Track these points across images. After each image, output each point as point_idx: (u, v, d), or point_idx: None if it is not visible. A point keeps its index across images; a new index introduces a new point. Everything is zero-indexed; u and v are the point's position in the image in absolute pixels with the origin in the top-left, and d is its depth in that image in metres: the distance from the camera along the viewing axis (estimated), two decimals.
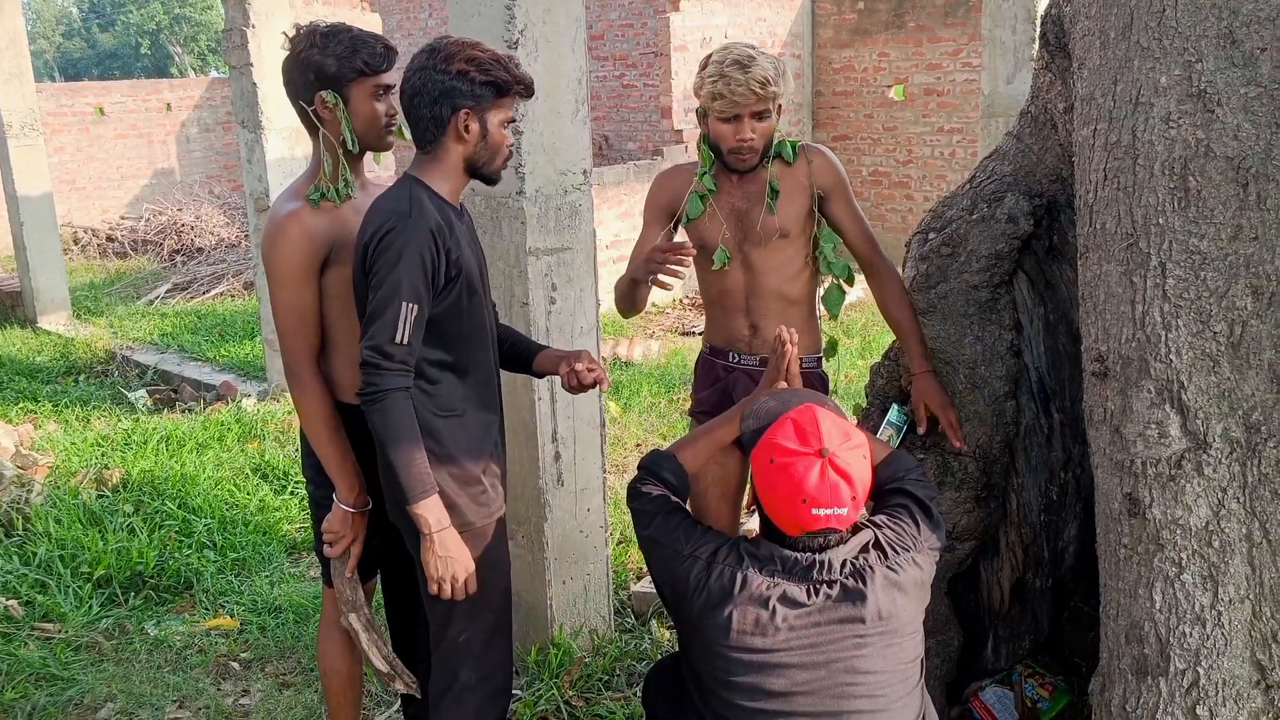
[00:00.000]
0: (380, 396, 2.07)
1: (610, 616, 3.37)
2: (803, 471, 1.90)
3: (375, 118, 2.31)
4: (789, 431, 1.96)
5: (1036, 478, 2.81)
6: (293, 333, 2.30)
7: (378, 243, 2.08)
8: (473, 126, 2.16)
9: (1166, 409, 1.99)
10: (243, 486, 4.61)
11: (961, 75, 9.52)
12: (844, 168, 2.86)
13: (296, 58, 2.28)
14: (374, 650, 2.39)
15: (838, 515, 1.91)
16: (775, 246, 2.78)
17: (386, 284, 2.06)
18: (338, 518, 2.37)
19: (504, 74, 2.15)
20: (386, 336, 2.06)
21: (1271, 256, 1.90)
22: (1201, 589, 1.98)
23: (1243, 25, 1.88)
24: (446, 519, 2.15)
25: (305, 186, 2.34)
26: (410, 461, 2.09)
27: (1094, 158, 2.11)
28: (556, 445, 3.08)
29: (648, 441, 5.25)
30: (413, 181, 2.18)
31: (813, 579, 1.92)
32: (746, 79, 2.59)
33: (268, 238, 2.30)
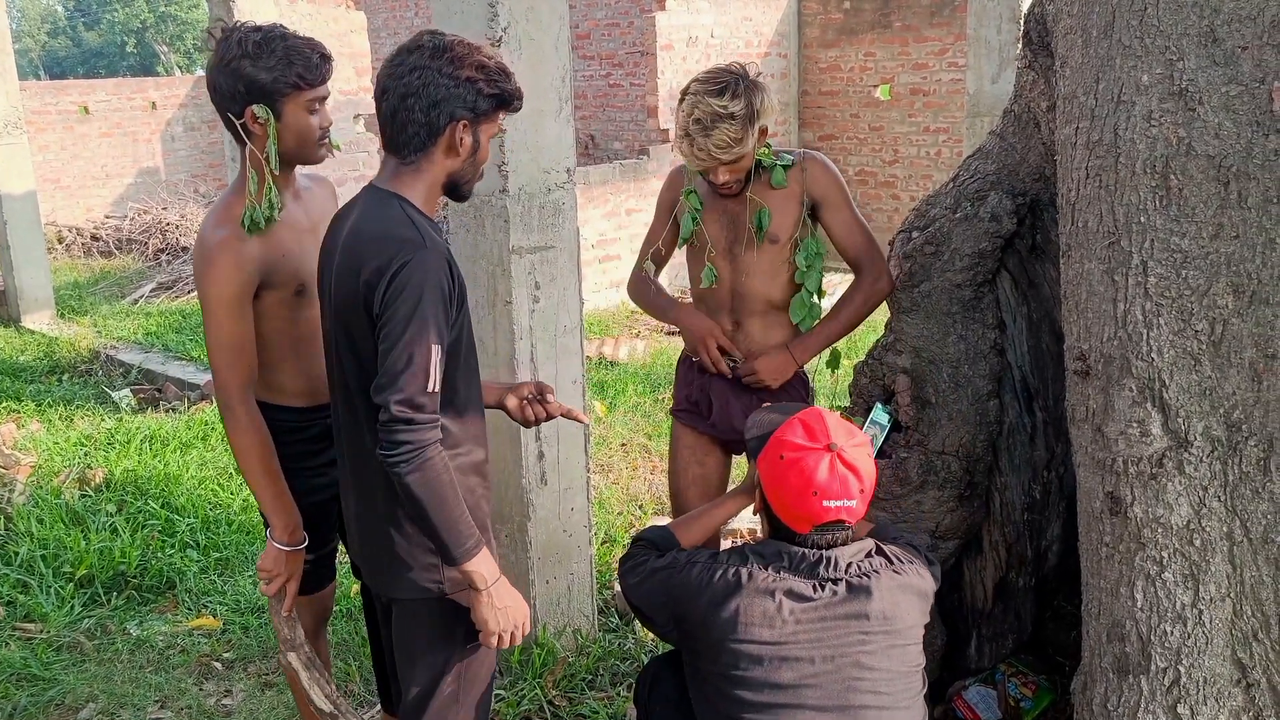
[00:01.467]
0: (418, 455, 1.85)
1: (594, 616, 3.36)
2: (812, 465, 1.94)
3: (309, 132, 2.18)
4: (797, 430, 2.00)
5: (1020, 476, 2.81)
6: (227, 365, 2.19)
7: (392, 278, 1.84)
8: (466, 140, 1.95)
9: (1148, 407, 2.00)
10: (226, 486, 4.59)
11: (947, 75, 9.54)
12: (840, 175, 2.81)
13: (225, 65, 2.11)
14: (315, 689, 2.30)
15: (848, 507, 1.95)
16: (764, 250, 2.77)
17: (411, 327, 1.83)
18: (271, 556, 2.28)
19: (510, 86, 1.96)
20: (418, 387, 1.84)
21: (1252, 255, 1.90)
22: (1183, 587, 1.99)
23: (1224, 23, 1.89)
24: (496, 568, 1.98)
25: (235, 205, 2.21)
26: (457, 519, 1.90)
27: (1076, 156, 2.11)
28: (540, 444, 3.07)
29: (633, 441, 5.24)
30: (398, 200, 1.95)
31: (819, 575, 1.94)
32: (708, 144, 2.53)
33: (198, 264, 2.19)
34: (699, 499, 2.90)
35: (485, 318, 3.00)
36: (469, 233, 2.98)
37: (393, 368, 1.84)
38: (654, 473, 4.82)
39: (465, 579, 1.96)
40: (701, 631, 1.97)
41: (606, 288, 8.75)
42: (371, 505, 2.06)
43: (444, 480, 1.88)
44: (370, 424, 1.95)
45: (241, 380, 2.20)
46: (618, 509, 4.36)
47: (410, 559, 2.02)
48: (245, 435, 2.21)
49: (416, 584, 2.04)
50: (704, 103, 2.53)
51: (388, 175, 2.00)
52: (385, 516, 2.02)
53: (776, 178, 2.72)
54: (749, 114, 2.53)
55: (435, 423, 1.89)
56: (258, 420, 2.22)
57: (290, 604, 2.33)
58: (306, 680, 2.31)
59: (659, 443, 5.21)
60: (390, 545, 2.03)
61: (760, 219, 2.72)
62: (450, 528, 1.90)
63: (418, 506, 1.88)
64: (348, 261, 1.95)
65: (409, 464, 1.85)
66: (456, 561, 1.93)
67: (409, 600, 2.07)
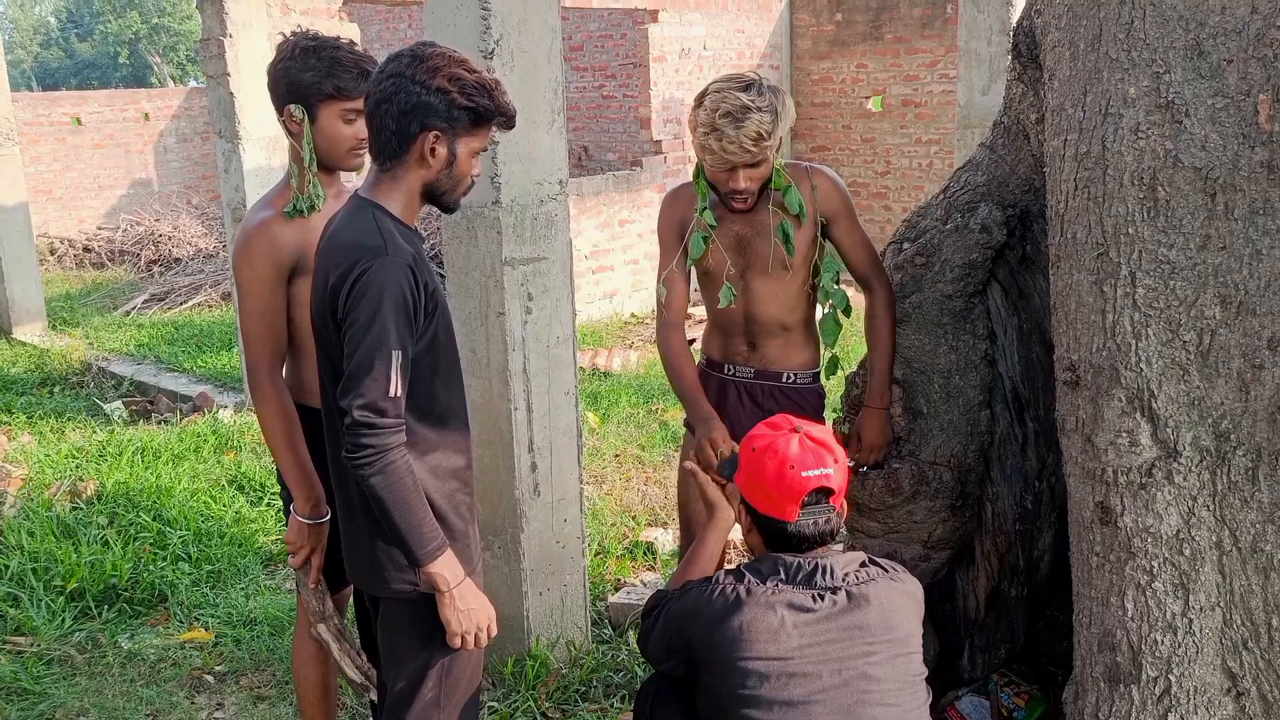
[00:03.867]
0: (380, 459, 1.88)
1: (588, 628, 3.36)
2: (784, 445, 2.02)
3: (341, 140, 2.30)
4: (761, 428, 2.11)
5: (1011, 487, 2.82)
6: (258, 339, 2.31)
7: (352, 285, 1.88)
8: (440, 151, 1.96)
9: (1137, 417, 2.01)
10: (218, 498, 4.57)
11: (939, 86, 9.58)
12: (846, 188, 2.78)
13: (274, 66, 2.29)
14: (346, 660, 2.37)
15: (825, 474, 2.00)
16: (776, 275, 2.73)
17: (371, 332, 1.87)
18: (294, 529, 2.37)
19: (487, 101, 1.95)
20: (380, 391, 1.87)
21: (1239, 266, 1.91)
22: (1173, 596, 1.99)
23: (1210, 37, 1.91)
24: (461, 569, 2.02)
25: (279, 197, 2.35)
26: (419, 521, 1.93)
27: (1064, 168, 2.13)
28: (533, 455, 3.07)
29: (626, 452, 5.24)
30: (373, 208, 1.98)
31: (817, 585, 1.95)
32: (739, 135, 2.47)
33: (238, 247, 2.32)
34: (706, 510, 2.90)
35: (478, 329, 3.00)
36: (461, 244, 2.99)
37: (355, 373, 1.89)
38: (647, 484, 4.82)
39: (428, 581, 2.00)
40: (706, 653, 1.96)
41: (599, 298, 8.76)
42: (351, 508, 2.10)
43: (407, 483, 1.93)
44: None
45: (270, 356, 2.31)
46: (611, 520, 4.36)
47: (388, 559, 2.06)
48: (270, 407, 2.31)
49: (395, 583, 2.07)
50: (732, 96, 2.50)
51: (369, 183, 2.04)
52: (364, 519, 2.06)
53: (791, 199, 2.66)
54: (775, 111, 2.53)
55: (399, 427, 1.93)
56: (283, 395, 2.33)
57: (316, 575, 2.40)
58: (337, 652, 2.38)
59: (652, 453, 5.21)
60: (371, 545, 2.07)
61: (785, 229, 2.67)
62: (413, 530, 1.94)
63: (381, 508, 1.93)
64: (320, 267, 2.01)
65: (371, 467, 1.89)
66: (419, 563, 1.98)
67: (391, 600, 2.11)
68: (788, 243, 2.69)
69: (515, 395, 2.99)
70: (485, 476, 3.11)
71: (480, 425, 3.08)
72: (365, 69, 2.26)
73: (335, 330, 1.95)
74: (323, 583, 2.41)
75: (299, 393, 2.38)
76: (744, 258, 2.76)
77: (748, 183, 2.59)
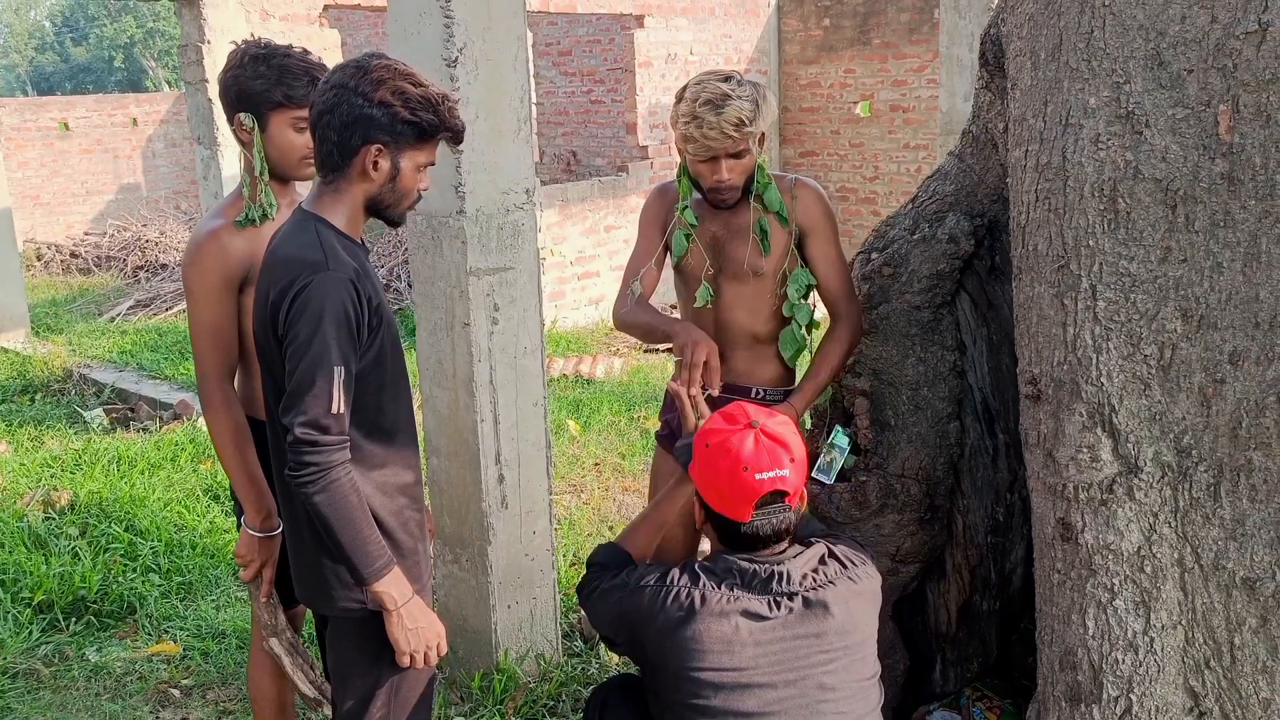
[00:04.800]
0: (323, 476, 1.86)
1: (558, 640, 3.32)
2: (738, 443, 1.96)
3: (292, 149, 2.28)
4: (717, 419, 2.05)
5: (982, 499, 2.79)
6: (207, 350, 2.28)
7: (292, 301, 1.86)
8: (382, 165, 1.92)
9: (1098, 432, 1.98)
10: (192, 508, 4.53)
11: (926, 92, 9.57)
12: (831, 207, 2.74)
13: (224, 74, 2.27)
14: (299, 674, 2.34)
15: (780, 477, 1.94)
16: (748, 283, 2.69)
17: (312, 348, 1.84)
18: (245, 542, 2.34)
19: (431, 117, 1.91)
20: (322, 408, 1.84)
21: (1200, 279, 1.88)
22: (1134, 615, 1.96)
23: (1169, 46, 1.88)
24: (409, 587, 1.99)
25: (232, 206, 2.33)
26: (365, 540, 1.90)
27: (1026, 179, 2.10)
28: (500, 467, 3.04)
29: (606, 460, 5.20)
30: (315, 222, 1.95)
31: (773, 591, 1.92)
32: (719, 121, 2.45)
33: (187, 256, 2.30)
34: (676, 523, 2.86)
35: (443, 339, 2.97)
36: (426, 254, 2.96)
37: (296, 390, 1.86)
38: (626, 493, 4.78)
39: (375, 599, 1.97)
40: (658, 657, 1.94)
41: (585, 304, 8.73)
42: (298, 526, 2.07)
43: (351, 501, 1.90)
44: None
45: (219, 365, 2.29)
46: (588, 530, 4.32)
47: (335, 577, 2.03)
48: (220, 419, 2.28)
49: (342, 601, 2.04)
50: (712, 85, 2.50)
51: (312, 196, 2.02)
52: (311, 536, 2.03)
53: (770, 197, 2.64)
54: (755, 101, 2.52)
55: (342, 444, 1.90)
56: (234, 406, 2.30)
57: (267, 589, 2.37)
58: (290, 666, 2.35)
59: (632, 462, 5.18)
60: (318, 563, 2.04)
61: (763, 225, 2.64)
62: (358, 548, 1.91)
63: (325, 526, 1.90)
64: (261, 283, 1.99)
65: (314, 485, 1.87)
66: (365, 581, 1.94)
67: (339, 618, 2.09)
68: (765, 238, 2.65)
69: (482, 407, 2.96)
70: (452, 489, 3.08)
71: (446, 437, 3.05)
72: (316, 77, 2.23)
73: (276, 346, 1.93)
74: (275, 596, 2.38)
75: (250, 405, 2.35)
76: (718, 260, 2.72)
77: (730, 174, 2.56)
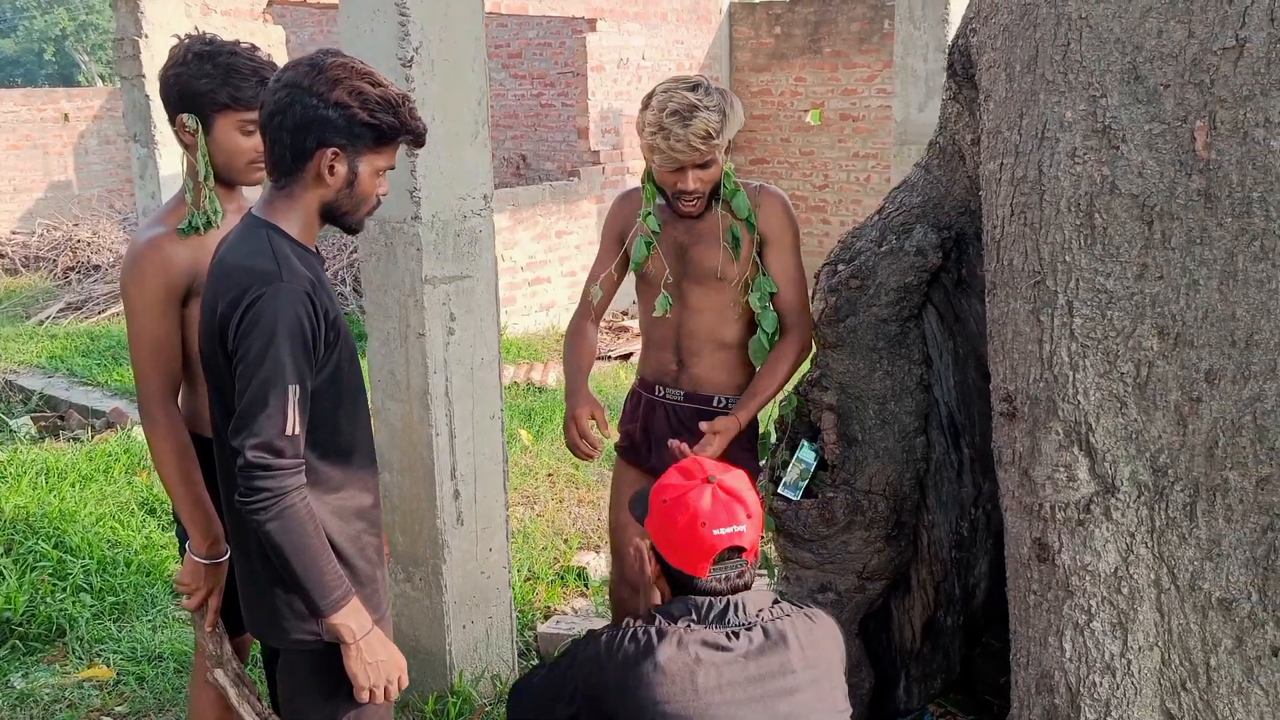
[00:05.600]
0: (277, 503, 1.74)
1: (514, 660, 3.23)
2: (695, 498, 1.89)
3: (238, 153, 2.15)
4: (673, 474, 1.98)
5: (947, 514, 2.76)
6: (148, 366, 2.15)
7: (243, 314, 1.74)
8: (339, 169, 1.81)
9: (1075, 451, 1.95)
10: (127, 523, 4.34)
11: (876, 101, 9.63)
12: (794, 217, 2.73)
13: (165, 71, 2.13)
14: (245, 707, 2.22)
15: (738, 532, 1.88)
16: (712, 287, 2.67)
17: (265, 365, 1.72)
18: (190, 569, 2.20)
19: (391, 119, 1.82)
20: (275, 429, 1.73)
21: (1176, 296, 1.86)
22: (1111, 637, 1.93)
23: (1146, 61, 1.85)
24: (368, 619, 1.87)
25: (173, 213, 2.20)
26: (321, 570, 1.79)
27: (1000, 192, 2.06)
28: (456, 483, 2.94)
29: (559, 471, 5.11)
30: (267, 229, 1.83)
31: (730, 623, 1.85)
32: (686, 133, 2.43)
33: (125, 266, 2.16)
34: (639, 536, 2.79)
35: (397, 350, 2.86)
36: (379, 261, 2.85)
37: (248, 410, 1.74)
38: (580, 505, 4.70)
39: (332, 632, 1.86)
40: (619, 701, 1.83)
41: (536, 310, 8.62)
42: (248, 552, 1.95)
43: (307, 529, 1.79)
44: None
45: (162, 382, 2.16)
46: (542, 543, 4.23)
47: (288, 607, 1.91)
48: (163, 440, 2.15)
49: (295, 634, 1.93)
50: (679, 95, 2.47)
51: (263, 201, 1.90)
52: (261, 564, 1.91)
53: (739, 204, 2.61)
54: (723, 111, 2.49)
55: (297, 468, 1.79)
56: (177, 425, 2.17)
57: (213, 618, 2.24)
58: (236, 698, 2.22)
59: (586, 473, 5.09)
60: (268, 592, 1.92)
61: (734, 232, 2.62)
62: (314, 578, 1.80)
63: (279, 556, 1.79)
64: (209, 294, 1.87)
65: (267, 512, 1.75)
66: (322, 614, 1.83)
67: (291, 651, 1.97)
68: (736, 245, 2.63)
69: (437, 420, 2.86)
70: (405, 505, 2.97)
71: (400, 451, 2.94)
72: (265, 76, 2.10)
73: (225, 362, 1.81)
74: (220, 625, 2.25)
75: (195, 423, 2.23)
76: (681, 265, 2.69)
77: (696, 184, 2.54)
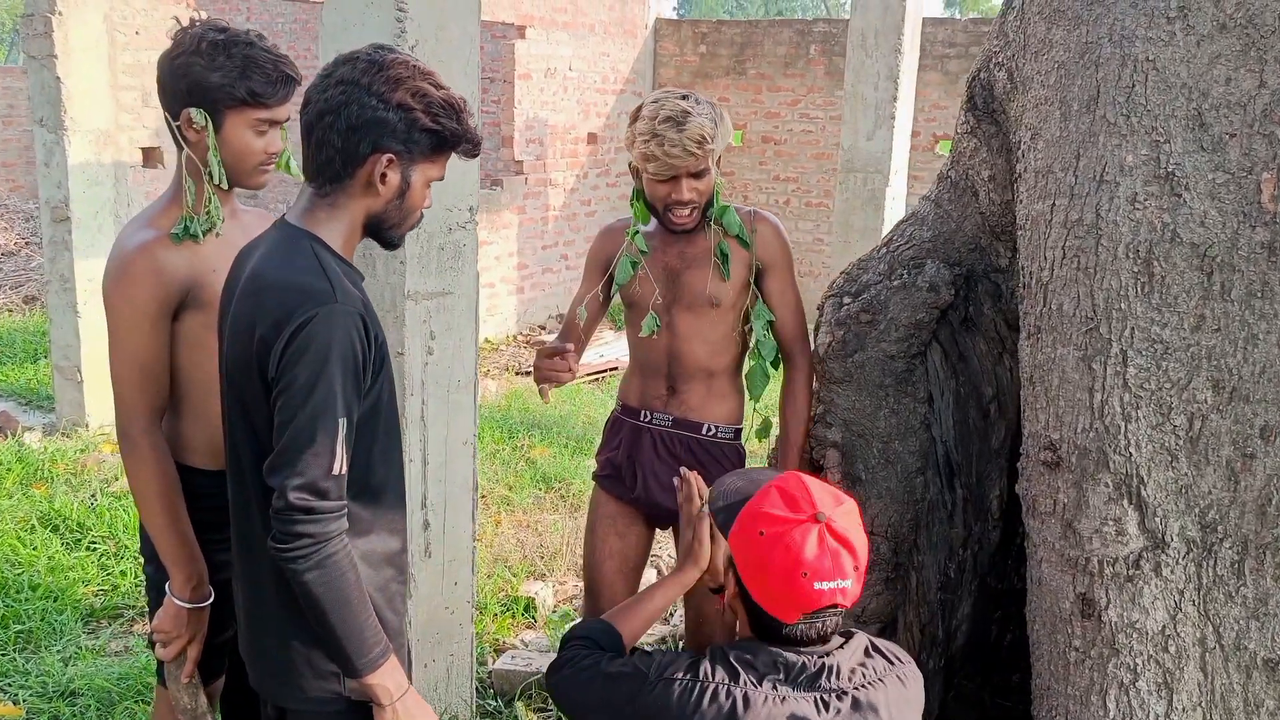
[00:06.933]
0: (318, 551, 1.56)
1: (472, 699, 3.04)
2: (799, 540, 1.65)
3: (249, 154, 1.95)
4: (775, 499, 1.71)
5: (936, 555, 2.70)
6: (131, 387, 1.93)
7: (290, 337, 1.56)
8: (391, 178, 1.65)
9: (1124, 505, 1.89)
10: (27, 541, 3.97)
11: (799, 125, 9.70)
12: (789, 242, 2.69)
13: (172, 60, 1.91)
14: None
15: (842, 589, 1.66)
16: (705, 314, 2.59)
17: (314, 397, 1.55)
18: (170, 614, 1.99)
19: (455, 125, 1.66)
20: (322, 469, 1.56)
21: (1233, 350, 1.83)
22: (1157, 697, 1.88)
23: (1212, 108, 1.82)
24: (404, 678, 1.71)
25: (163, 214, 1.97)
26: (362, 625, 1.62)
27: (1051, 234, 2.00)
28: (426, 512, 2.75)
29: (493, 493, 4.91)
30: (310, 240, 1.65)
31: (821, 688, 1.66)
32: (681, 138, 2.37)
33: (111, 273, 1.92)
34: (616, 573, 2.66)
35: None
36: None
37: (291, 445, 1.56)
38: (521, 529, 4.51)
39: (367, 693, 1.67)
40: None
41: None
42: (261, 598, 1.74)
43: (349, 580, 1.60)
44: (262, 506, 1.64)
45: (148, 406, 1.95)
46: (486, 570, 4.03)
47: (308, 664, 1.71)
48: (146, 469, 1.94)
49: (314, 692, 1.72)
50: (670, 102, 2.43)
51: (301, 209, 1.70)
52: (278, 612, 1.71)
53: (729, 220, 2.55)
54: (714, 118, 2.46)
55: (341, 512, 1.60)
56: (163, 453, 1.96)
57: (191, 668, 2.03)
58: None
59: (521, 494, 4.91)
60: (284, 646, 1.72)
61: (723, 249, 2.55)
62: (354, 635, 1.61)
63: (316, 609, 1.60)
64: (243, 312, 1.64)
65: (308, 560, 1.57)
66: (358, 674, 1.65)
67: (306, 711, 1.75)
68: (725, 262, 2.56)
69: (410, 446, 2.66)
70: None
71: None
72: (286, 72, 1.92)
73: (262, 390, 1.60)
74: (197, 676, 2.02)
75: (178, 450, 2.00)
76: (672, 290, 2.60)
77: (691, 193, 2.47)
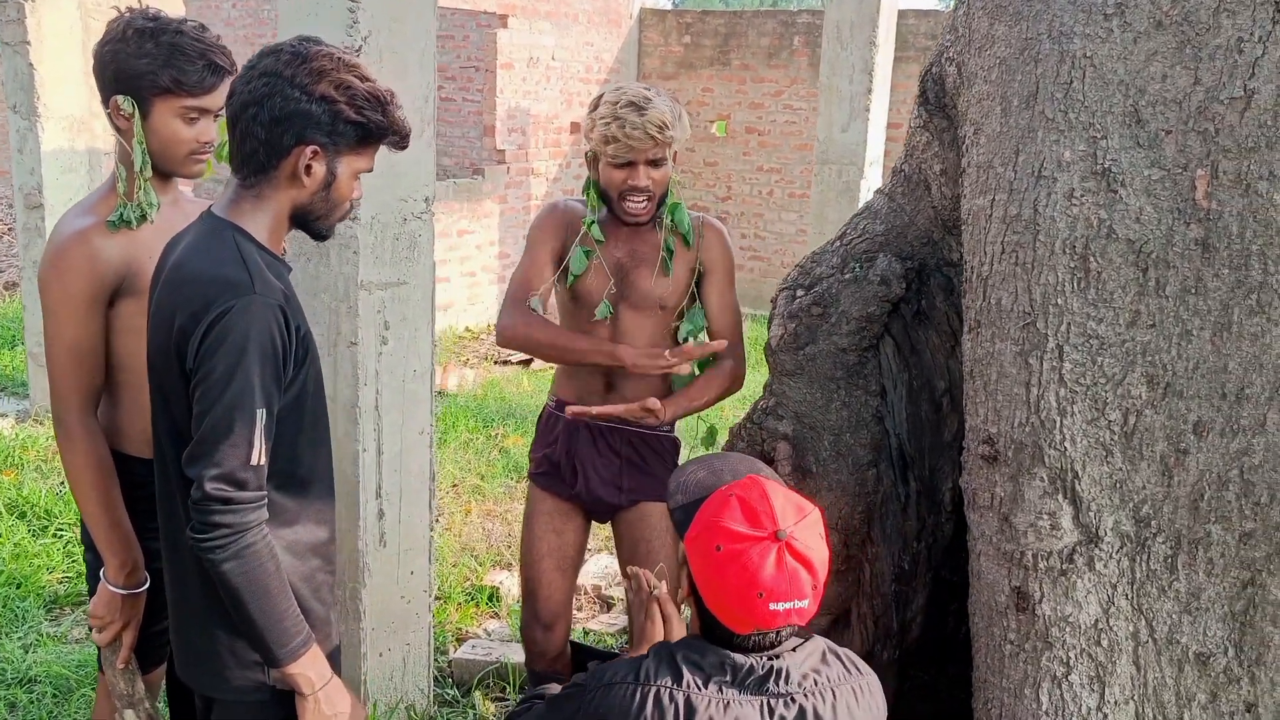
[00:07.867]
0: (236, 540, 1.57)
1: (430, 689, 3.05)
2: (757, 561, 1.58)
3: (177, 142, 1.95)
4: (735, 513, 1.64)
5: (890, 548, 2.71)
6: (66, 373, 1.93)
7: (208, 328, 1.56)
8: (316, 169, 1.66)
9: (1059, 499, 1.90)
10: None
11: (782, 116, 9.69)
12: (732, 250, 2.73)
13: (102, 47, 1.92)
14: None
15: (798, 609, 1.62)
16: (650, 314, 2.61)
17: (232, 387, 1.55)
18: (104, 600, 2.00)
19: (379, 117, 1.68)
20: (239, 459, 1.57)
21: (1168, 346, 1.84)
22: (1089, 690, 1.89)
23: (1148, 105, 1.82)
24: (328, 667, 1.71)
25: (102, 203, 1.97)
26: (282, 615, 1.62)
27: (991, 229, 2.01)
28: (380, 502, 2.75)
29: (465, 482, 4.92)
30: (233, 231, 1.66)
31: (768, 692, 1.62)
32: (643, 122, 2.40)
33: (47, 259, 1.92)
34: (554, 571, 2.67)
35: (326, 359, 2.64)
36: (310, 263, 2.64)
37: (209, 436, 1.58)
38: (489, 518, 4.52)
39: (289, 682, 1.68)
40: None
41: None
42: (185, 588, 1.75)
43: (268, 569, 1.61)
44: (184, 496, 1.65)
45: (81, 392, 1.95)
46: (452, 559, 4.04)
47: (232, 654, 1.72)
48: (80, 456, 1.94)
49: (239, 681, 1.73)
50: (631, 90, 2.47)
51: (227, 200, 1.70)
52: (202, 602, 1.72)
53: (680, 217, 2.58)
54: (674, 109, 2.49)
55: (260, 502, 1.61)
56: (97, 439, 1.96)
57: (126, 655, 2.04)
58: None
59: (493, 484, 4.92)
60: (208, 635, 1.72)
61: (669, 245, 2.57)
62: (274, 625, 1.63)
63: (235, 599, 1.62)
64: (164, 301, 1.65)
65: (225, 550, 1.58)
66: (279, 663, 1.66)
67: (230, 701, 1.76)
68: (670, 256, 2.59)
69: (364, 435, 2.66)
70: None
71: None
72: (214, 61, 1.91)
73: (181, 380, 1.61)
74: (134, 662, 2.03)
75: (115, 437, 2.01)
76: (620, 289, 2.61)
77: (648, 181, 2.49)
